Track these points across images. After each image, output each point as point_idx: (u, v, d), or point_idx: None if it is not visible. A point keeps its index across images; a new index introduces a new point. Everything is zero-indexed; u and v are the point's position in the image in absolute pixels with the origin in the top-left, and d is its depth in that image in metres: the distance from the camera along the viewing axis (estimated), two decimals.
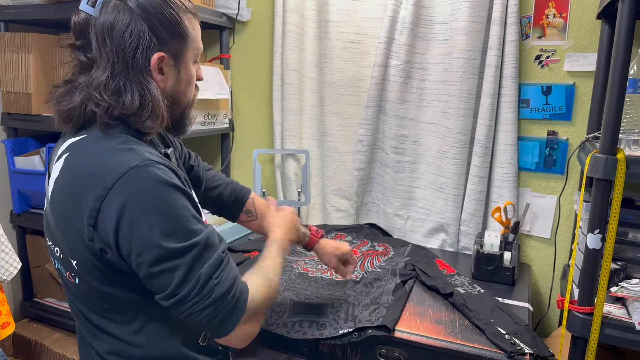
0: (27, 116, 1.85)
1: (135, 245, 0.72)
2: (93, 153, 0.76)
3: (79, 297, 0.84)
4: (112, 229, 0.71)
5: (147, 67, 0.78)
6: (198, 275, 0.74)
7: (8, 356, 1.94)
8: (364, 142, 1.86)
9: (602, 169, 1.05)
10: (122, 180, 0.71)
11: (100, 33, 0.76)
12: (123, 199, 0.71)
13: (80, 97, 0.78)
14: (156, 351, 0.83)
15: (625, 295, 1.14)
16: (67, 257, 0.79)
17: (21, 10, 1.81)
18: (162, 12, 0.78)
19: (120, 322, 0.81)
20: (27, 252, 2.02)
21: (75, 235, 0.75)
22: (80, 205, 0.73)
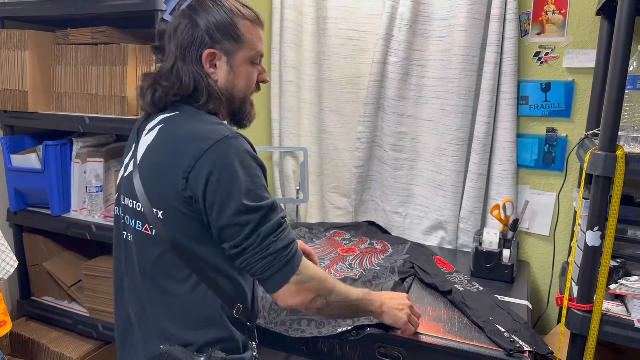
0: (23, 114, 1.85)
1: (218, 197, 0.88)
2: (188, 123, 0.93)
3: (147, 251, 0.95)
4: (202, 182, 0.87)
5: (200, 60, 0.96)
6: (259, 231, 0.89)
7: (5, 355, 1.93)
8: (362, 139, 1.85)
9: (602, 166, 1.04)
10: (216, 144, 0.88)
11: (169, 34, 0.97)
12: (215, 159, 0.87)
13: (152, 83, 0.98)
14: (201, 312, 0.94)
15: (625, 293, 1.13)
16: (150, 209, 0.92)
17: (17, 6, 1.80)
18: (218, 17, 0.96)
19: (178, 278, 0.93)
20: (24, 251, 2.02)
21: (167, 187, 0.90)
22: (177, 161, 0.89)
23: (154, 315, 0.96)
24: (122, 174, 1.03)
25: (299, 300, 0.96)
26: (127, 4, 1.59)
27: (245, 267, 0.92)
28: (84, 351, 1.87)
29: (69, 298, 1.99)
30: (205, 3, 0.96)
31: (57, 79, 1.87)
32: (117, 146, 2.03)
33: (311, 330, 1.20)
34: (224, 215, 0.88)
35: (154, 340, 0.96)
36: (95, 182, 1.85)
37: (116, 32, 1.78)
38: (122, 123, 1.72)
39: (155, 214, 0.92)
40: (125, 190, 0.99)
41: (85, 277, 1.88)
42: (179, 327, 0.94)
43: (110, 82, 1.76)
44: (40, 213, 1.92)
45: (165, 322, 0.95)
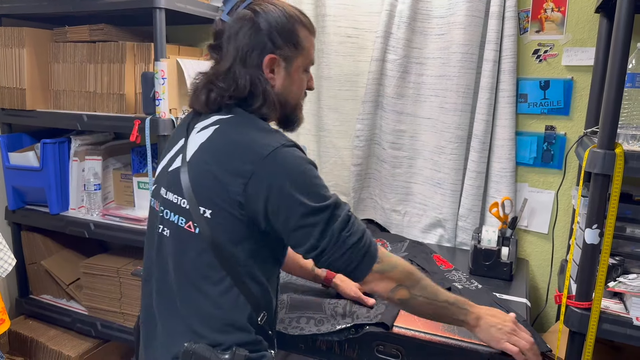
0: (21, 112, 1.84)
1: (284, 204, 0.89)
2: (247, 128, 0.94)
3: (186, 248, 0.94)
4: (264, 190, 0.89)
5: (260, 65, 0.97)
6: (332, 230, 0.91)
7: (4, 353, 1.93)
8: (361, 137, 1.85)
9: (600, 164, 1.04)
10: (274, 152, 0.89)
11: (228, 35, 0.97)
12: (274, 168, 0.89)
13: (207, 84, 0.98)
14: (231, 316, 0.94)
15: (623, 291, 1.13)
16: (196, 208, 0.92)
17: (15, 4, 1.80)
18: (281, 23, 0.97)
19: (214, 280, 0.93)
20: (22, 249, 2.01)
21: (220, 189, 0.90)
22: (234, 166, 0.90)
23: (183, 312, 0.95)
24: (163, 167, 1.03)
25: (382, 287, 0.98)
26: (125, 2, 1.59)
27: (328, 266, 0.94)
28: (83, 349, 1.87)
29: (67, 296, 1.99)
30: (268, 7, 0.97)
31: (55, 77, 1.86)
32: (115, 144, 2.03)
33: (310, 328, 1.20)
34: (292, 220, 0.90)
35: (179, 336, 0.95)
36: (93, 180, 1.85)
37: (114, 30, 1.78)
38: (121, 121, 1.71)
39: (202, 213, 0.92)
40: (169, 184, 0.99)
41: (83, 275, 1.88)
42: (207, 328, 0.94)
43: (108, 80, 1.75)
44: (39, 211, 1.92)
45: (193, 321, 0.94)
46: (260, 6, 0.97)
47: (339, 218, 0.92)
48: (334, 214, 0.92)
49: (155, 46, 1.58)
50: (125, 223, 1.78)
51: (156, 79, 1.59)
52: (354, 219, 0.95)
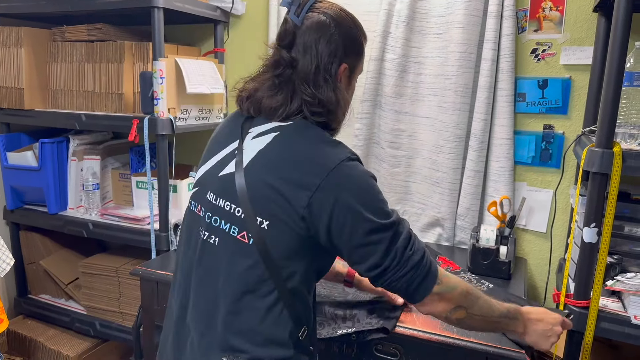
0: (19, 111, 1.84)
1: (349, 220, 0.86)
2: (310, 140, 0.91)
3: (237, 259, 0.90)
4: (330, 205, 0.85)
5: (336, 73, 0.94)
6: (396, 248, 0.88)
7: (2, 353, 1.93)
8: (359, 136, 1.85)
9: (598, 163, 1.05)
10: (340, 166, 0.86)
11: (308, 40, 0.92)
12: (341, 182, 0.86)
13: (289, 90, 0.93)
14: (273, 331, 0.90)
15: (621, 289, 1.14)
16: (253, 218, 0.88)
17: (13, 3, 1.79)
18: (351, 32, 0.96)
19: (261, 293, 0.89)
20: (21, 249, 2.01)
21: (282, 201, 0.87)
22: (297, 176, 0.87)
23: (223, 325, 0.91)
24: (210, 170, 0.98)
25: (440, 309, 0.94)
26: (124, 1, 1.58)
27: (388, 285, 0.90)
28: (82, 349, 1.87)
29: (66, 296, 1.99)
30: (340, 15, 0.95)
31: (54, 77, 1.86)
32: (113, 144, 2.03)
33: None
34: (356, 236, 0.87)
35: (216, 349, 0.91)
36: (92, 179, 1.85)
37: (112, 29, 1.77)
38: (119, 120, 1.71)
39: (259, 224, 0.88)
40: (220, 190, 0.94)
41: (82, 275, 1.88)
42: (247, 342, 0.90)
43: (106, 80, 1.75)
44: (37, 211, 1.91)
45: (233, 335, 0.90)
46: (331, 11, 0.94)
47: (401, 235, 0.89)
48: (398, 231, 0.89)
49: (154, 45, 1.58)
50: (124, 222, 1.78)
51: (154, 78, 1.59)
52: (414, 237, 0.92)
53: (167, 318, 1.03)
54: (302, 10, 0.93)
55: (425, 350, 1.16)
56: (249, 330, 0.90)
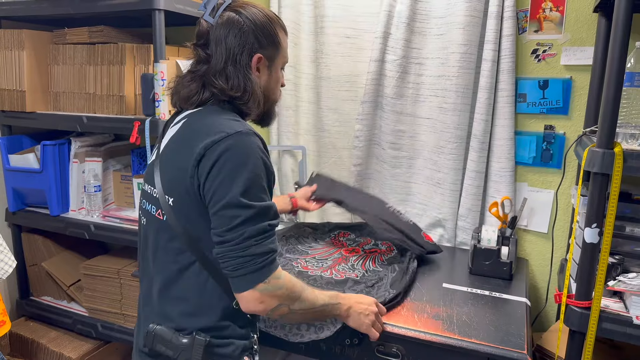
0: (21, 114, 1.84)
1: (216, 186, 0.91)
2: (208, 118, 0.99)
3: (158, 235, 1.01)
4: (207, 169, 0.92)
5: (249, 64, 1.02)
6: (244, 230, 0.92)
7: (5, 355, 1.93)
8: (360, 137, 1.85)
9: (599, 163, 1.05)
10: (228, 138, 0.92)
11: (218, 36, 1.01)
12: (223, 150, 0.91)
13: (200, 83, 1.02)
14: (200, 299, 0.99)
15: (623, 289, 1.14)
16: (163, 196, 0.98)
17: (14, 6, 1.80)
18: (263, 24, 1.03)
19: (183, 264, 0.98)
20: (23, 251, 2.02)
21: (180, 175, 0.95)
22: (191, 150, 0.93)
23: (157, 296, 1.02)
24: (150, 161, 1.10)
25: (261, 308, 0.96)
26: (125, 3, 1.59)
27: (220, 259, 0.94)
28: (84, 351, 1.87)
29: (68, 298, 1.99)
30: (251, 10, 1.03)
31: (55, 79, 1.86)
32: (115, 146, 2.03)
33: (310, 335, 1.21)
34: (217, 204, 0.92)
35: (151, 319, 1.02)
36: (93, 181, 1.85)
37: (114, 32, 1.78)
38: (120, 122, 1.72)
39: (167, 200, 0.97)
40: (146, 177, 1.07)
41: (84, 276, 1.88)
42: (178, 311, 1.00)
43: (108, 82, 1.75)
44: (39, 213, 1.92)
45: (165, 305, 1.01)
46: (243, 9, 1.02)
47: (257, 224, 0.92)
48: (255, 218, 0.92)
49: (155, 48, 1.58)
50: (126, 224, 1.79)
51: (156, 80, 1.59)
52: (270, 234, 0.95)
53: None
54: (217, 11, 1.02)
55: (427, 351, 1.16)
56: (180, 300, 0.99)
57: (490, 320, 1.23)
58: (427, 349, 1.16)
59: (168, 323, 1.00)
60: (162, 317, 1.02)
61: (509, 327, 1.20)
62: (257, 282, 0.94)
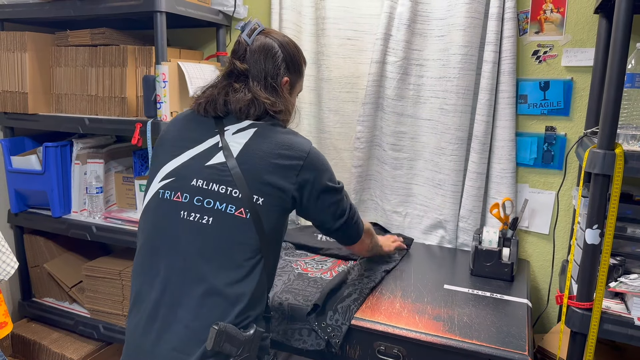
0: (23, 115, 1.85)
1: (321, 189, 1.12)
2: (282, 132, 1.12)
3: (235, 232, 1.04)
4: (311, 178, 1.10)
5: (280, 85, 1.15)
6: (349, 204, 1.22)
7: (7, 356, 1.93)
8: (361, 139, 1.85)
9: (600, 164, 1.05)
10: (312, 150, 1.12)
11: (256, 56, 1.13)
12: (315, 162, 1.12)
13: (250, 95, 1.11)
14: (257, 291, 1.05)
15: (624, 291, 1.14)
16: (250, 196, 1.05)
17: (17, 9, 1.80)
18: (293, 52, 1.18)
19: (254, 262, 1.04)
20: (25, 252, 2.02)
21: (274, 180, 1.06)
22: (282, 160, 1.07)
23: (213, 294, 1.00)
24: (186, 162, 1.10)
25: (367, 244, 1.42)
26: (126, 6, 1.59)
27: (347, 229, 1.21)
28: (85, 352, 1.88)
29: (69, 299, 2.00)
30: (284, 39, 1.17)
31: (57, 81, 1.87)
32: (117, 147, 2.03)
33: (312, 341, 1.23)
34: (325, 201, 1.14)
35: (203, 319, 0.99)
36: (95, 183, 1.86)
37: (115, 34, 1.78)
38: (122, 124, 1.72)
39: (256, 201, 1.05)
40: (210, 176, 1.07)
41: (86, 278, 1.89)
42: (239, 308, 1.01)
43: (110, 84, 1.76)
44: (41, 214, 1.92)
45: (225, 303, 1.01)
46: (277, 36, 1.17)
47: (348, 198, 1.22)
48: (346, 194, 1.21)
49: (157, 49, 1.59)
50: (127, 226, 1.79)
51: (157, 82, 1.60)
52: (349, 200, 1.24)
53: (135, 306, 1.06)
54: (253, 33, 1.14)
55: (428, 352, 1.16)
56: (242, 296, 1.02)
57: (492, 322, 1.23)
58: (428, 350, 1.16)
59: (228, 319, 1.00)
60: (222, 314, 1.00)
61: (510, 328, 1.20)
62: (362, 230, 1.29)
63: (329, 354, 1.24)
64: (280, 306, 1.29)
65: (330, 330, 1.21)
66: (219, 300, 1.00)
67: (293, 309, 1.27)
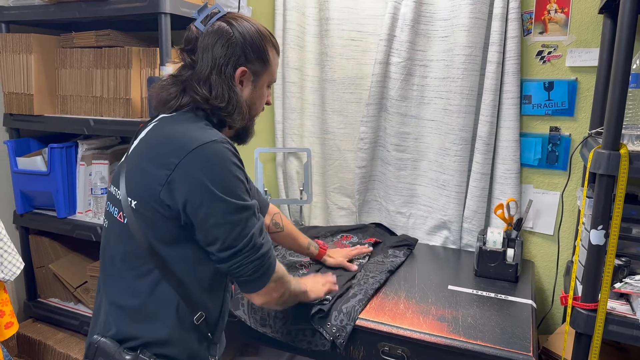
0: (29, 117, 1.86)
1: (205, 199, 0.89)
2: (181, 125, 0.97)
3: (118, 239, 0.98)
4: (186, 184, 0.89)
5: (233, 76, 1.01)
6: (251, 233, 0.93)
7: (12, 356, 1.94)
8: (365, 139, 1.85)
9: (605, 165, 1.04)
10: (202, 147, 0.90)
11: (206, 44, 1.00)
12: (198, 162, 0.90)
13: (181, 87, 1.01)
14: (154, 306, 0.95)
15: (629, 292, 1.13)
16: (125, 198, 0.95)
17: (22, 11, 1.81)
18: (253, 39, 1.02)
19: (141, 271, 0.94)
20: (30, 253, 2.03)
21: (147, 181, 0.92)
22: (162, 159, 0.91)
23: (108, 303, 0.99)
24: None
25: (275, 297, 1.03)
26: (131, 7, 1.60)
27: (236, 269, 0.94)
28: None
29: (75, 299, 2.01)
30: (243, 23, 1.02)
31: (62, 82, 1.88)
32: (122, 148, 2.04)
33: (316, 342, 1.23)
34: (212, 216, 0.90)
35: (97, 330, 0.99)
36: (100, 184, 1.86)
37: (120, 35, 1.79)
38: (127, 125, 1.73)
39: (129, 203, 0.94)
40: (113, 179, 1.04)
41: (91, 278, 1.89)
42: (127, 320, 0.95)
43: (114, 85, 1.77)
44: (46, 215, 1.93)
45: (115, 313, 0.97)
46: (236, 21, 1.02)
47: (256, 223, 0.95)
48: (252, 217, 0.95)
49: (161, 51, 1.59)
50: None
51: None
52: (265, 231, 0.99)
53: None
54: (210, 20, 1.02)
55: (432, 353, 1.16)
56: (133, 309, 0.95)
57: (496, 323, 1.22)
58: (433, 351, 1.16)
59: (112, 332, 0.95)
60: (108, 325, 0.96)
61: (515, 329, 1.19)
62: (271, 277, 0.99)
63: (333, 354, 1.24)
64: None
65: (335, 331, 1.21)
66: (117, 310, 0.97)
67: (298, 309, 1.28)
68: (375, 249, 1.68)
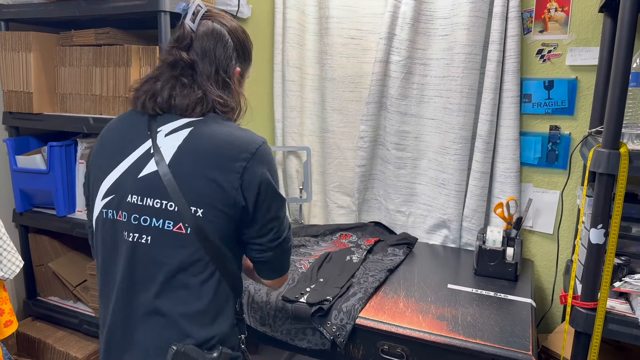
0: (28, 115, 1.86)
1: (270, 194, 0.97)
2: (225, 129, 0.97)
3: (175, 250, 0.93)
4: (257, 182, 0.95)
5: (232, 77, 1.03)
6: (289, 223, 1.05)
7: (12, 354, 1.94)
8: (365, 138, 1.85)
9: (605, 164, 1.04)
10: (261, 148, 0.97)
11: (205, 46, 1.00)
12: (263, 162, 0.96)
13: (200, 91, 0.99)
14: (218, 308, 0.97)
15: (629, 290, 1.13)
16: (187, 209, 0.92)
17: (22, 9, 1.81)
18: (241, 39, 1.05)
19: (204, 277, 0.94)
20: (29, 251, 2.03)
21: (212, 186, 0.92)
22: (227, 164, 0.93)
23: (170, 315, 0.94)
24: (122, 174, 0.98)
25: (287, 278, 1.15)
26: (130, 5, 1.60)
27: (279, 256, 1.03)
28: (90, 351, 1.88)
29: (74, 298, 2.00)
30: (231, 24, 1.04)
31: (62, 80, 1.88)
32: None
33: (316, 341, 1.23)
34: (271, 210, 0.98)
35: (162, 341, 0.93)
36: None
37: (119, 34, 1.79)
38: None
39: (194, 213, 0.92)
40: (143, 190, 0.95)
41: (90, 277, 1.89)
42: (197, 326, 0.94)
43: (114, 83, 1.76)
44: (46, 214, 1.93)
45: (184, 323, 0.94)
46: (223, 19, 1.04)
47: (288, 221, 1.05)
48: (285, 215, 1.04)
49: (160, 49, 1.59)
50: None
51: None
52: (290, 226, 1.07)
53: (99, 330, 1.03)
54: (196, 17, 1.00)
55: (432, 352, 1.16)
56: (198, 313, 0.94)
57: (495, 321, 1.22)
58: (432, 349, 1.16)
59: (189, 339, 0.93)
60: (180, 335, 0.93)
61: (514, 328, 1.19)
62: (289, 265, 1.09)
63: (332, 353, 1.24)
64: (284, 306, 1.29)
65: (335, 330, 1.21)
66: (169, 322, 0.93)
67: (297, 308, 1.28)
68: (375, 247, 1.68)
